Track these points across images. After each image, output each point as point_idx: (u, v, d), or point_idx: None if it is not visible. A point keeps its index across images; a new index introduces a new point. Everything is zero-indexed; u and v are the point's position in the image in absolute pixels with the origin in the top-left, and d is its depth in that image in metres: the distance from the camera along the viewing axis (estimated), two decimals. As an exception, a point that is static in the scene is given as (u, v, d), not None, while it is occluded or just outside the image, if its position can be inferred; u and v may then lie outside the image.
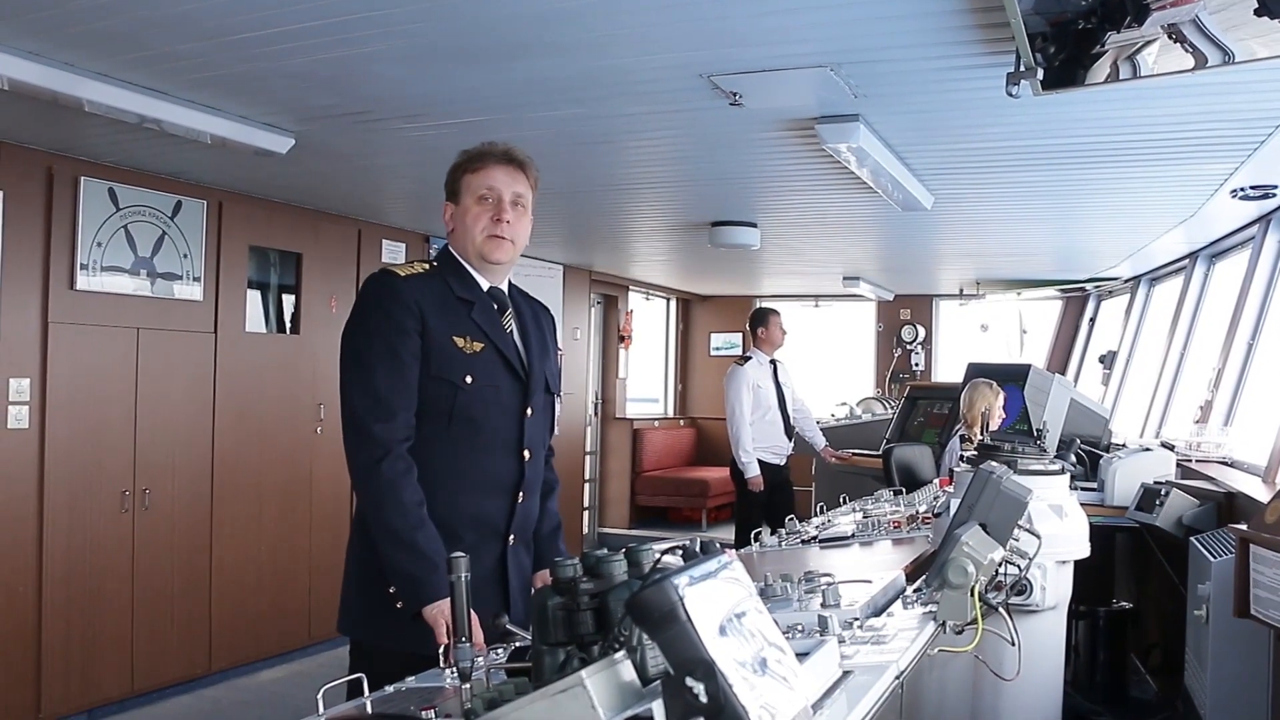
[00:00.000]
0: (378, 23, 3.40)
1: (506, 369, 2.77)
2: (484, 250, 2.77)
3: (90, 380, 5.66)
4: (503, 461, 2.78)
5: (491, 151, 2.79)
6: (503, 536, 2.78)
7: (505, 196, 2.76)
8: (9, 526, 5.28)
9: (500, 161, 2.78)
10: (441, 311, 2.71)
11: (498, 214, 2.75)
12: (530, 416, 2.81)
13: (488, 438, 2.75)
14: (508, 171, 2.78)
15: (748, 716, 1.24)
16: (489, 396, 2.74)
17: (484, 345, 2.74)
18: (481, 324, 2.75)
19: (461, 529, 2.69)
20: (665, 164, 5.68)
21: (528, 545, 2.90)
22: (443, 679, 2.17)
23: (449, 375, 2.68)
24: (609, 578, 1.69)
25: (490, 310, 2.80)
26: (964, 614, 2.38)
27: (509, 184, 2.78)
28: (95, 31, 3.54)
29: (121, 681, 5.82)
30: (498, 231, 2.75)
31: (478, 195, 2.76)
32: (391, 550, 2.61)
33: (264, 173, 5.85)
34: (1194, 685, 4.28)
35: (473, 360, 2.71)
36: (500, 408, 2.76)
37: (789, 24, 3.34)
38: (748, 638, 1.38)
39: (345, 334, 2.75)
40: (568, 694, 1.31)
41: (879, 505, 4.86)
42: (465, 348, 2.71)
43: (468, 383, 2.70)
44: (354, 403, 2.66)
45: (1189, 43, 3.23)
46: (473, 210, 2.77)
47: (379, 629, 2.69)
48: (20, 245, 5.31)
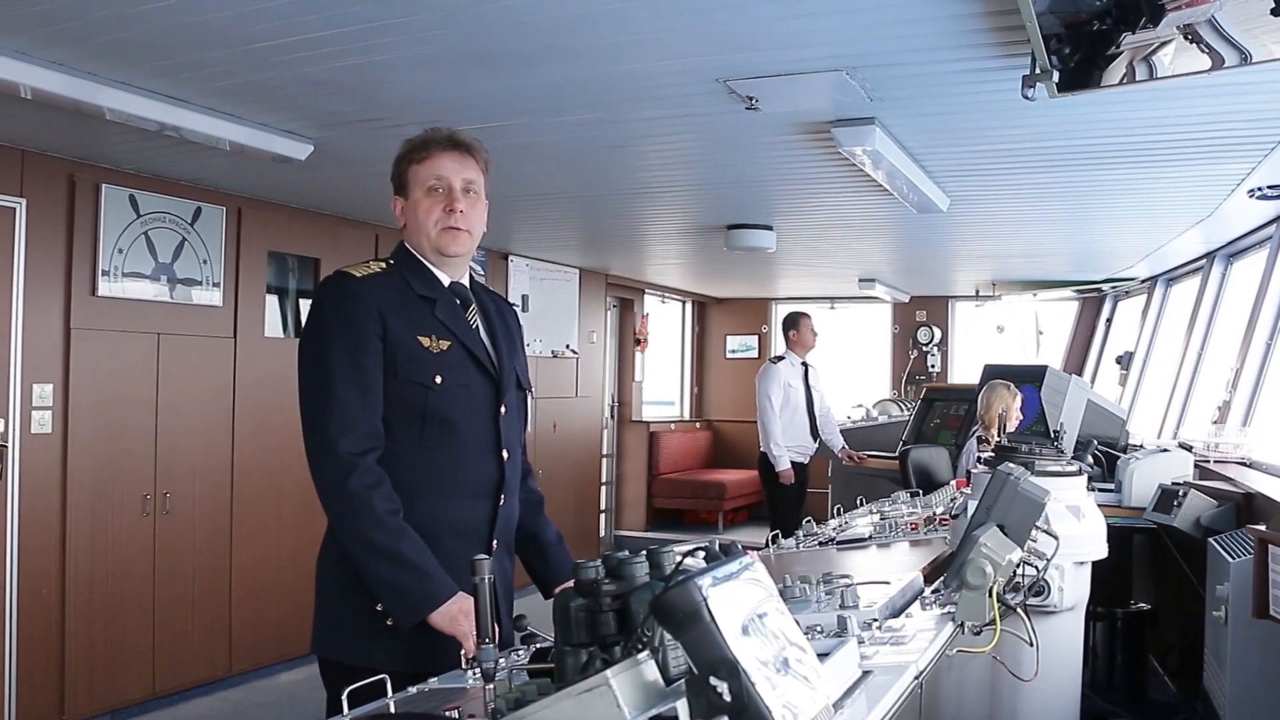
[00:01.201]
0: (398, 30, 3.44)
1: (476, 366, 2.65)
2: (439, 243, 2.64)
3: (112, 385, 5.71)
4: (481, 463, 2.65)
5: (435, 138, 2.66)
6: (487, 541, 2.65)
7: (455, 185, 2.63)
8: (33, 530, 5.32)
9: (446, 148, 2.64)
10: (403, 311, 2.58)
11: (449, 204, 2.62)
12: (505, 415, 2.68)
13: (464, 439, 2.62)
14: (455, 158, 2.64)
15: (771, 715, 1.26)
16: (461, 396, 2.61)
17: (450, 343, 2.61)
18: (446, 321, 2.63)
19: (443, 538, 2.56)
20: (680, 168, 5.71)
21: (510, 550, 2.79)
22: (464, 680, 2.19)
23: (417, 377, 2.55)
24: (631, 579, 1.71)
25: (454, 306, 2.68)
26: (982, 615, 2.39)
27: (458, 171, 2.64)
28: (120, 42, 3.59)
29: (143, 683, 5.87)
30: (451, 223, 2.62)
31: (427, 186, 2.63)
32: (375, 566, 2.46)
33: (282, 179, 5.90)
34: (1213, 686, 4.28)
35: (440, 359, 2.58)
36: (473, 407, 2.63)
37: (804, 28, 3.36)
38: (770, 638, 1.40)
39: (302, 342, 2.63)
40: (593, 693, 1.33)
41: (896, 507, 4.87)
42: (431, 347, 2.58)
43: (437, 383, 2.57)
44: (314, 416, 2.53)
45: (1205, 43, 3.23)
46: (423, 203, 2.63)
47: (365, 649, 2.51)
48: (43, 252, 5.37)
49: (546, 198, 6.69)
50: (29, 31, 3.52)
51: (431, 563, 2.45)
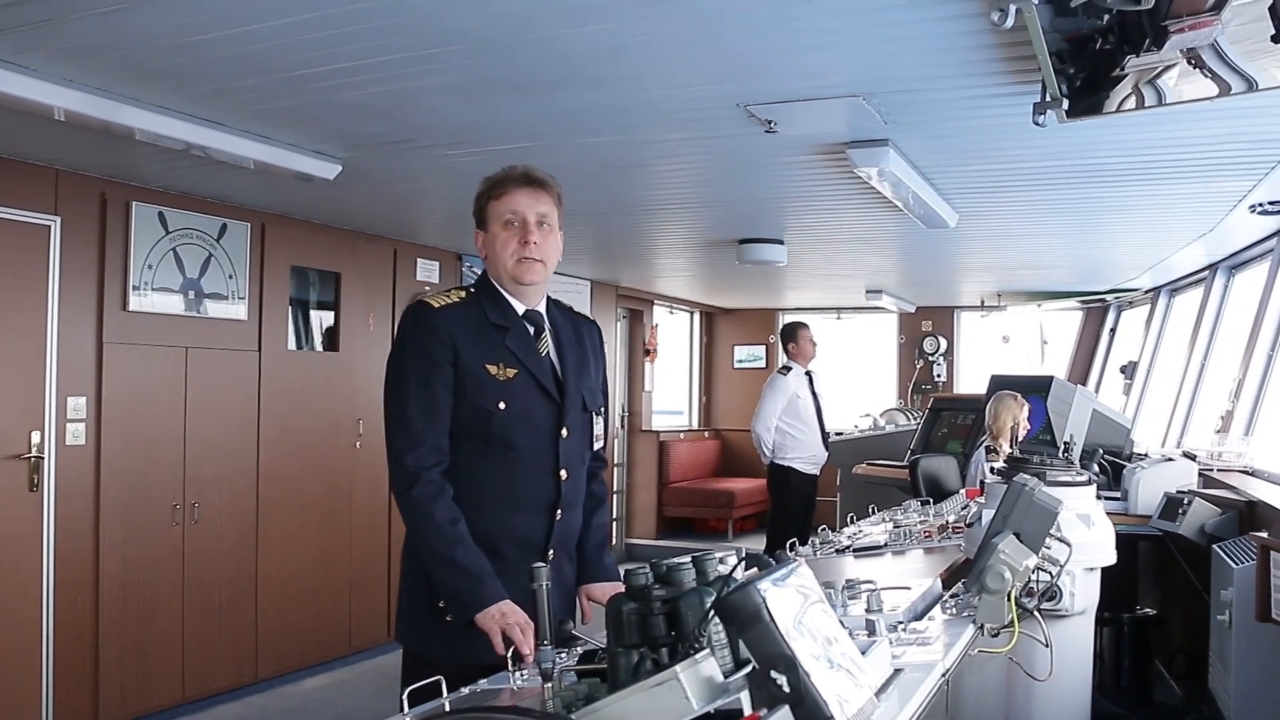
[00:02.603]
0: (434, 59, 3.57)
1: (540, 393, 2.83)
2: (515, 273, 2.82)
3: (142, 398, 5.85)
4: (539, 481, 2.84)
5: (511, 176, 2.85)
6: (542, 552, 2.83)
7: (530, 218, 2.81)
8: (68, 540, 5.46)
9: (521, 184, 2.83)
10: (475, 340, 2.78)
11: (524, 236, 2.80)
12: (566, 438, 2.86)
13: (524, 459, 2.81)
14: (529, 193, 2.83)
15: (826, 705, 1.40)
16: (523, 421, 2.80)
17: (517, 371, 2.80)
18: (515, 350, 2.81)
19: (503, 546, 2.78)
20: (696, 186, 5.85)
21: (570, 558, 2.97)
22: (511, 682, 2.32)
23: (483, 402, 2.76)
24: (679, 584, 1.84)
25: (525, 335, 2.85)
26: (1001, 617, 2.54)
27: (532, 205, 2.82)
28: (164, 69, 3.74)
29: (173, 689, 6.00)
30: (526, 253, 2.80)
31: (503, 220, 2.82)
32: (434, 568, 2.71)
33: (306, 195, 6.03)
34: (1218, 688, 4.40)
35: (506, 386, 2.78)
36: (535, 430, 2.82)
37: (824, 57, 3.51)
38: (818, 635, 1.55)
39: (388, 362, 2.87)
40: (664, 687, 1.47)
41: (908, 515, 4.99)
42: (498, 374, 2.77)
43: (501, 409, 2.76)
44: (390, 432, 2.79)
45: (1208, 69, 3.33)
46: (500, 236, 2.82)
47: (428, 639, 2.80)
48: (76, 268, 5.51)
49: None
50: (77, 60, 3.66)
51: (483, 569, 2.66)
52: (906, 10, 3.03)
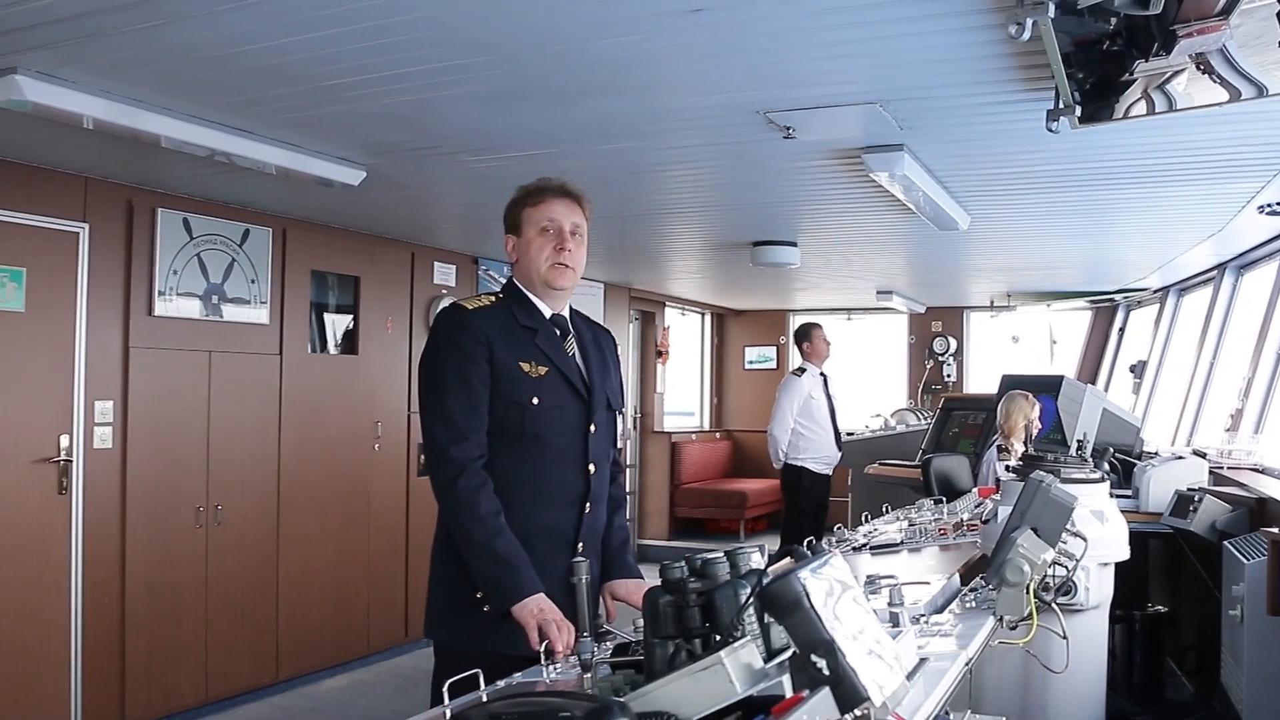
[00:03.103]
0: (461, 69, 3.66)
1: (570, 389, 2.95)
2: (548, 278, 2.96)
3: (166, 402, 5.95)
4: (570, 475, 2.95)
5: (549, 186, 3.00)
6: (572, 545, 2.94)
7: (565, 226, 2.96)
8: (96, 542, 5.56)
9: (559, 195, 2.99)
10: (508, 340, 2.90)
11: (560, 243, 2.95)
12: (594, 433, 2.98)
13: (555, 454, 2.93)
14: (566, 204, 2.98)
15: (864, 686, 1.49)
16: (555, 416, 2.92)
17: (548, 369, 2.92)
18: (545, 349, 2.95)
19: (534, 539, 2.86)
20: (712, 189, 5.94)
21: (596, 554, 3.04)
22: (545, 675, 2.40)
23: (517, 398, 2.87)
24: (714, 578, 1.93)
25: (553, 336, 2.99)
26: (1020, 609, 2.62)
27: (568, 215, 2.98)
28: (201, 80, 3.83)
29: (197, 689, 6.10)
30: (561, 260, 2.95)
31: (540, 227, 2.96)
32: (474, 558, 2.79)
33: (326, 201, 6.13)
34: (1230, 683, 4.47)
35: (538, 383, 2.90)
36: (565, 425, 2.94)
37: (842, 66, 3.59)
38: (853, 622, 1.64)
39: (421, 365, 2.97)
40: (709, 671, 1.57)
41: (922, 514, 5.07)
42: (531, 372, 2.90)
43: (534, 404, 2.88)
44: (432, 428, 2.88)
45: (1217, 74, 3.38)
46: (535, 241, 2.96)
47: (461, 631, 2.87)
48: (104, 274, 5.62)
49: (579, 217, 6.91)
50: (116, 73, 3.76)
51: (522, 560, 2.76)
52: (924, 21, 3.12)
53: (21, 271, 5.21)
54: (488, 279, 8.37)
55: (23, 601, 5.22)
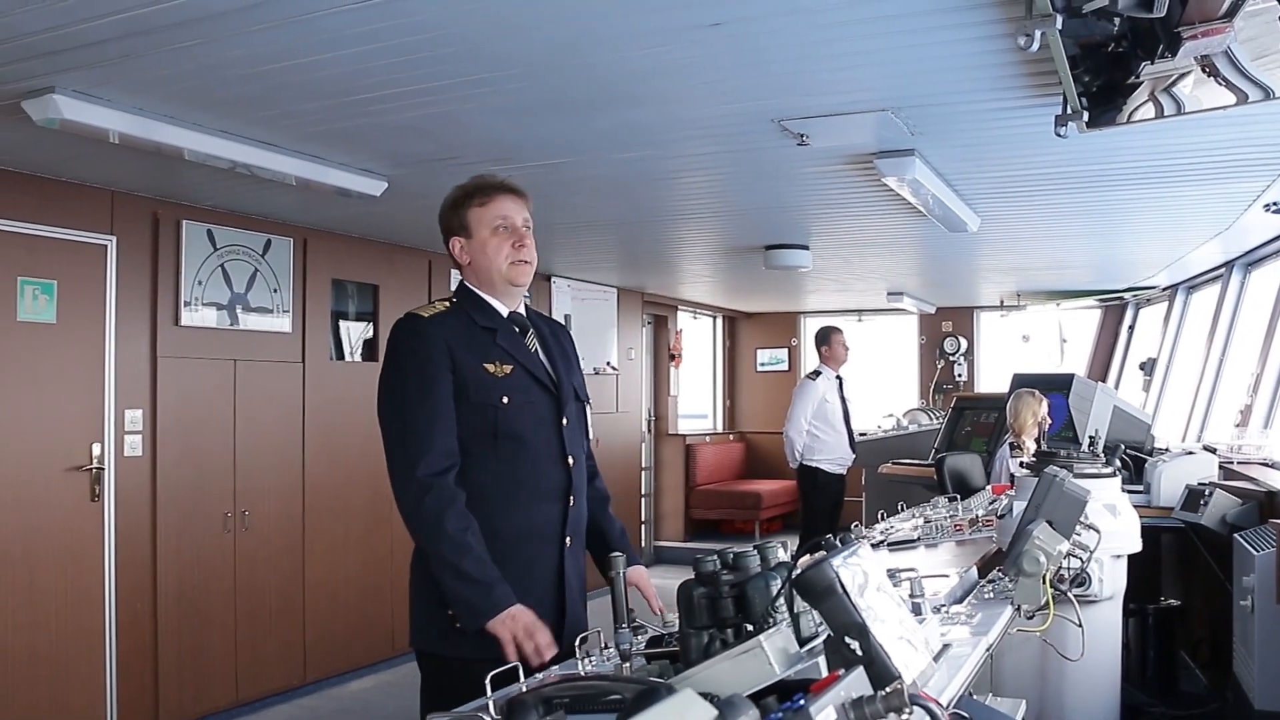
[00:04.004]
0: (484, 83, 3.77)
1: (537, 384, 2.93)
2: (510, 276, 2.94)
3: (194, 410, 6.07)
4: (550, 470, 2.93)
5: (494, 184, 2.96)
6: (560, 540, 2.93)
7: (519, 222, 2.94)
8: (128, 548, 5.68)
9: (507, 192, 2.95)
10: (468, 344, 2.87)
11: (519, 240, 2.92)
12: (566, 425, 2.97)
13: (533, 451, 2.90)
14: (514, 200, 2.95)
15: (895, 667, 1.59)
16: (526, 412, 2.89)
17: (513, 367, 2.90)
18: (507, 348, 2.92)
19: (522, 538, 2.87)
20: (725, 195, 6.04)
21: (579, 546, 3.04)
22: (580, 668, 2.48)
23: (486, 399, 2.83)
24: (746, 570, 2.03)
25: (513, 334, 2.97)
26: (1037, 599, 2.73)
27: (519, 211, 2.95)
28: (232, 97, 3.95)
29: (228, 691, 6.22)
30: (521, 257, 2.93)
31: (493, 227, 2.91)
32: (445, 579, 2.73)
33: (346, 211, 6.24)
34: (1242, 672, 4.56)
35: (505, 381, 2.87)
36: (538, 421, 2.92)
37: (856, 75, 3.70)
38: (881, 607, 1.74)
39: (381, 380, 2.90)
40: (749, 655, 1.67)
41: (937, 511, 5.15)
42: (496, 371, 2.87)
43: (504, 402, 2.85)
44: (394, 444, 2.82)
45: (1222, 77, 3.41)
46: (492, 241, 2.91)
47: (445, 638, 2.82)
48: (132, 286, 5.74)
49: (593, 224, 7.05)
50: (151, 90, 3.88)
51: (492, 578, 2.72)
52: (934, 32, 3.22)
53: (53, 284, 5.33)
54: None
55: (59, 606, 5.34)
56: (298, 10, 3.05)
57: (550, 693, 1.75)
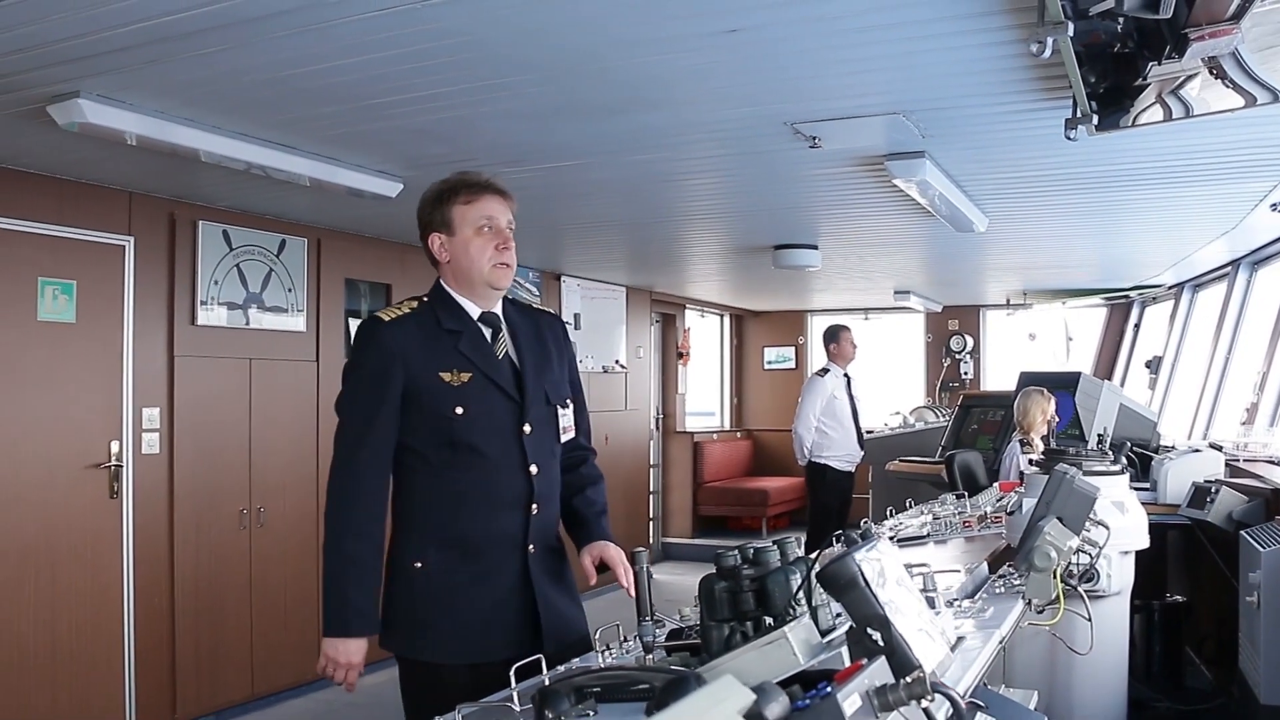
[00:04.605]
0: (502, 87, 3.84)
1: (498, 392, 2.84)
2: (491, 278, 2.85)
3: (210, 408, 6.15)
4: (510, 479, 2.85)
5: (479, 182, 2.88)
6: (522, 548, 2.86)
7: (503, 224, 2.86)
8: (146, 544, 5.76)
9: (492, 192, 2.87)
10: (426, 349, 2.81)
11: (503, 242, 2.85)
12: (529, 434, 2.87)
13: (492, 460, 2.82)
14: (500, 201, 2.88)
15: (915, 657, 1.65)
16: (484, 422, 2.82)
17: (471, 374, 2.82)
18: (468, 353, 2.83)
19: (484, 546, 2.84)
20: (736, 196, 6.11)
21: (551, 550, 2.97)
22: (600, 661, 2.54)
23: (441, 409, 2.78)
24: (766, 565, 2.08)
25: (478, 338, 2.88)
26: (1048, 593, 2.79)
27: (503, 213, 2.87)
28: (252, 101, 4.02)
29: (243, 685, 6.30)
30: (504, 259, 2.85)
31: (477, 226, 2.83)
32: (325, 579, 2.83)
33: (359, 211, 6.28)
34: (1248, 668, 4.60)
35: (461, 391, 2.79)
36: (496, 430, 2.83)
37: (868, 80, 3.76)
38: (900, 599, 1.80)
39: (342, 378, 2.94)
40: (773, 645, 1.73)
41: (945, 507, 5.21)
42: (452, 380, 2.79)
43: (458, 413, 2.78)
44: (336, 444, 2.86)
45: (1229, 79, 3.44)
46: (475, 241, 2.83)
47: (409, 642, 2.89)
48: (149, 285, 5.81)
49: (603, 225, 7.13)
50: (172, 95, 3.95)
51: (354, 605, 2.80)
52: (946, 38, 3.28)
53: (72, 284, 5.40)
54: (513, 285, 8.50)
55: (80, 601, 5.42)
56: (321, 18, 3.11)
57: (581, 682, 1.82)
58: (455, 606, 2.81)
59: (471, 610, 2.81)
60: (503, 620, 2.82)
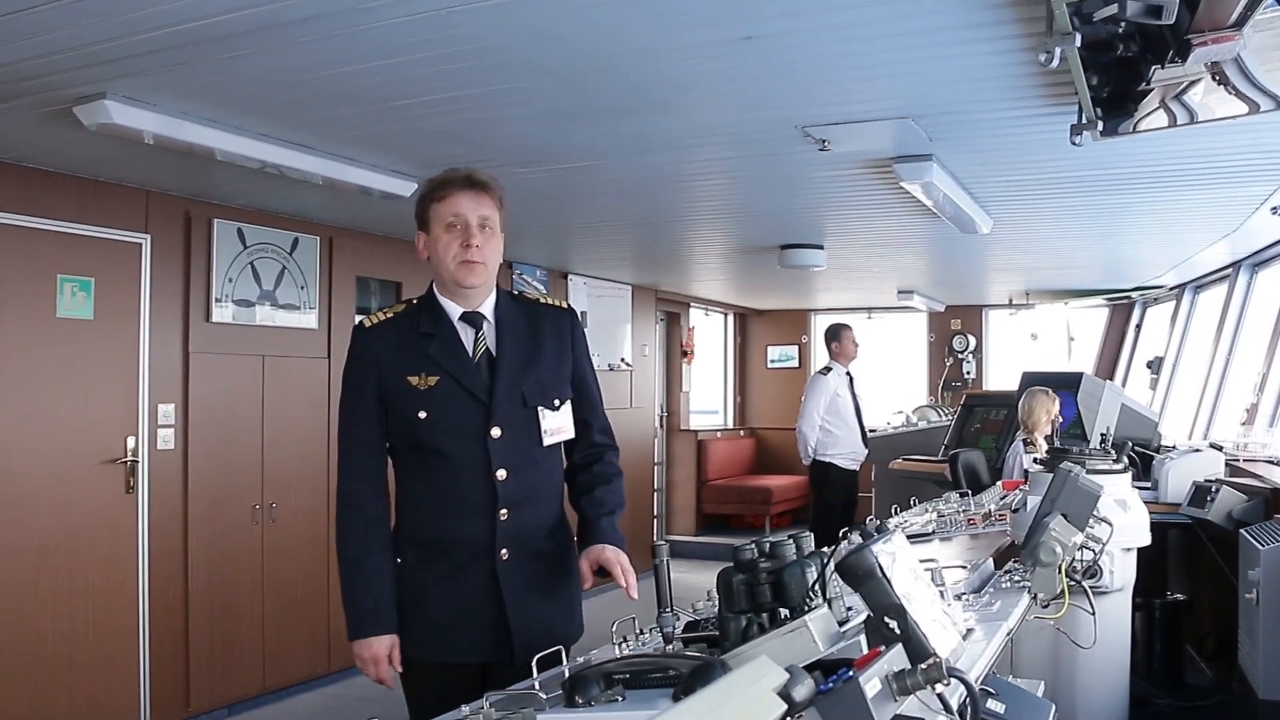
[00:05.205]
0: (523, 91, 3.92)
1: (466, 396, 2.82)
2: (457, 276, 2.82)
3: (223, 404, 6.23)
4: (474, 484, 2.83)
5: (454, 179, 2.85)
6: (491, 553, 2.83)
7: (472, 221, 2.81)
8: (161, 539, 5.84)
9: (464, 187, 2.83)
10: (400, 354, 2.83)
11: (466, 239, 2.80)
12: (497, 438, 2.83)
13: (456, 464, 2.82)
14: (471, 196, 2.83)
15: (930, 645, 1.74)
16: (449, 426, 2.81)
17: (439, 378, 2.81)
18: (437, 357, 2.83)
19: (448, 549, 2.85)
20: (745, 197, 6.19)
21: (534, 555, 2.91)
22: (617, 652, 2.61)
23: (407, 413, 2.80)
24: (783, 558, 2.16)
25: (452, 341, 2.87)
26: (1053, 587, 2.87)
27: (474, 208, 2.82)
28: (275, 103, 4.10)
29: (255, 680, 6.38)
30: (468, 256, 2.80)
31: (445, 223, 2.82)
32: (342, 586, 2.87)
33: (370, 210, 6.34)
34: (1247, 664, 4.67)
35: (426, 395, 2.80)
36: (462, 435, 2.82)
37: (879, 86, 3.86)
38: (915, 590, 1.88)
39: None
40: (795, 633, 1.81)
41: (949, 505, 5.29)
42: (419, 384, 2.80)
43: (421, 418, 2.80)
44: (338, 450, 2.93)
45: (1232, 86, 3.47)
46: (443, 239, 2.82)
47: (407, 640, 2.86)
48: (165, 283, 5.89)
49: (612, 224, 7.21)
50: (198, 97, 4.03)
51: (369, 604, 2.82)
52: (957, 45, 3.36)
53: (90, 281, 5.48)
54: (522, 283, 8.61)
55: (96, 595, 5.50)
56: (350, 23, 3.19)
57: (610, 668, 1.90)
58: (426, 604, 2.84)
59: (440, 610, 2.83)
60: (469, 623, 2.83)
